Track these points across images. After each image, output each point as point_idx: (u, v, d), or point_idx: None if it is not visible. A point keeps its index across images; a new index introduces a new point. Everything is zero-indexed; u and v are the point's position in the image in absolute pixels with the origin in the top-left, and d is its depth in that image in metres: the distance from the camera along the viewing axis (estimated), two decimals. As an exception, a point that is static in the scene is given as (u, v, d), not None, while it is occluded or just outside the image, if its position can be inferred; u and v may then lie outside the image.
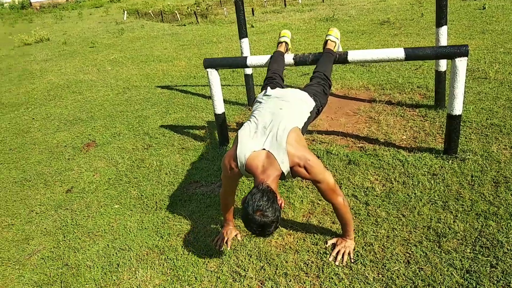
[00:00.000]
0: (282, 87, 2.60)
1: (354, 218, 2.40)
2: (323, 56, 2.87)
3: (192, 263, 2.19)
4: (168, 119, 4.44)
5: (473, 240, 2.10)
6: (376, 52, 2.80)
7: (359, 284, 1.92)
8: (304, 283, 1.98)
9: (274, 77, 2.76)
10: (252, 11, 13.56)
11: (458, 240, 2.11)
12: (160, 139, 3.91)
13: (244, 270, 2.10)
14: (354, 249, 2.15)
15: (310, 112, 2.34)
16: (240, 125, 3.98)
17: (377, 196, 2.58)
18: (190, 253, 2.27)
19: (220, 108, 3.43)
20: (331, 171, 2.93)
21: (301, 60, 3.01)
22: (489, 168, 2.69)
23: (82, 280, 2.16)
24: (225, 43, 8.55)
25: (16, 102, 5.93)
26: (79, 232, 2.59)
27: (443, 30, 3.36)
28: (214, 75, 3.29)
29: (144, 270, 2.18)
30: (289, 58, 3.04)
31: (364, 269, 2.01)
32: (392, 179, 2.74)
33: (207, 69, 3.28)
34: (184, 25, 12.73)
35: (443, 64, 3.62)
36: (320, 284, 1.95)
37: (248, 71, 4.32)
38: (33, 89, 6.62)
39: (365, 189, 2.67)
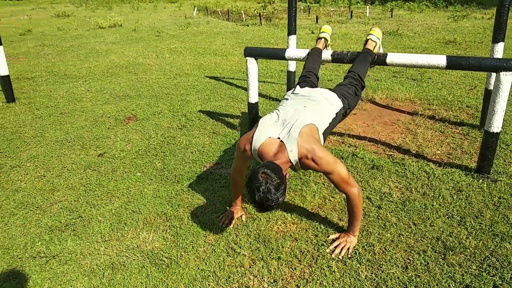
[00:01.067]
0: (313, 87, 2.59)
1: (363, 218, 2.33)
2: (360, 56, 2.83)
3: (193, 233, 2.26)
4: (208, 105, 4.58)
5: (482, 258, 1.96)
6: (417, 57, 2.72)
7: (349, 280, 1.87)
8: (295, 269, 1.96)
9: (308, 75, 2.77)
10: (316, 18, 13.54)
11: (466, 255, 1.99)
12: (195, 121, 4.04)
13: (240, 247, 2.12)
14: (354, 247, 2.10)
15: (336, 113, 2.32)
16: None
17: (392, 202, 2.49)
18: (193, 224, 2.33)
19: (254, 97, 3.48)
20: (352, 172, 2.88)
21: (339, 57, 2.99)
22: (521, 193, 2.50)
23: (90, 232, 2.30)
24: (282, 45, 8.63)
25: (77, 75, 6.39)
26: (99, 191, 2.75)
27: (499, 46, 3.17)
28: (252, 64, 3.35)
29: (147, 233, 2.27)
30: (327, 54, 3.03)
31: (358, 267, 1.95)
32: (413, 189, 2.63)
33: (247, 58, 3.35)
34: (247, 25, 13.00)
35: (493, 83, 3.41)
36: (311, 273, 1.93)
37: (292, 67, 4.34)
38: (95, 65, 7.10)
39: (382, 194, 2.59)
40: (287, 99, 2.39)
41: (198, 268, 1.98)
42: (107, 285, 1.89)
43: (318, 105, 2.25)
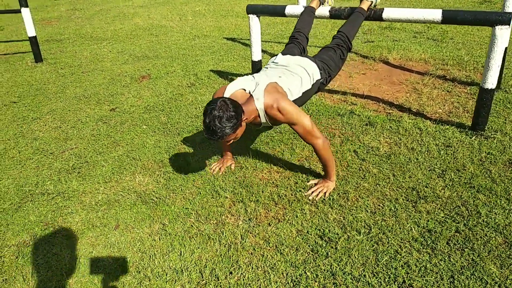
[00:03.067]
0: (299, 49, 2.63)
1: (345, 169, 2.43)
2: (351, 16, 2.82)
3: (183, 178, 2.45)
4: (219, 65, 4.69)
5: (452, 207, 2.03)
6: (413, 11, 2.68)
7: (318, 220, 2.01)
8: (270, 210, 2.12)
9: (297, 36, 2.82)
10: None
11: (437, 204, 2.06)
12: (204, 80, 4.18)
13: (224, 191, 2.30)
14: (331, 192, 2.22)
15: (312, 85, 2.40)
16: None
17: (377, 155, 2.56)
18: (185, 170, 2.52)
19: (257, 55, 3.56)
20: (345, 128, 2.95)
21: (336, 13, 2.99)
22: (511, 150, 2.50)
23: (93, 174, 2.54)
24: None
25: (103, 37, 6.64)
26: (106, 140, 2.99)
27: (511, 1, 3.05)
28: (254, 21, 3.41)
29: (143, 176, 2.49)
30: (325, 10, 3.03)
31: (329, 210, 2.08)
32: (402, 144, 2.68)
33: (249, 15, 3.41)
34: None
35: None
36: (284, 214, 2.08)
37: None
38: (120, 28, 7.32)
39: (369, 148, 2.66)
40: (266, 68, 2.48)
41: (183, 207, 2.18)
42: (101, 217, 2.13)
43: (293, 77, 2.31)
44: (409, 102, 3.38)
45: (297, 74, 2.34)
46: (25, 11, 4.84)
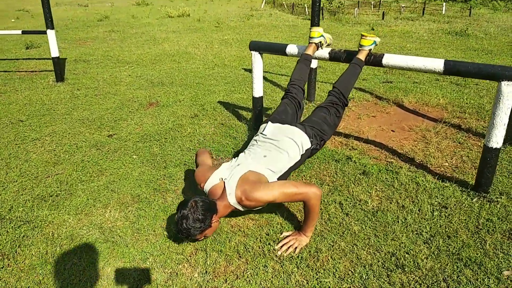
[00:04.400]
0: (284, 120, 2.56)
1: (324, 223, 2.26)
2: (347, 69, 2.70)
3: (153, 217, 2.34)
4: (229, 97, 4.65)
5: (431, 282, 1.81)
6: (413, 59, 2.52)
7: (278, 282, 1.84)
8: (231, 263, 1.97)
9: (291, 90, 2.79)
10: (383, 14, 12.93)
11: (415, 276, 1.84)
12: (209, 112, 4.14)
13: (190, 236, 2.17)
14: (302, 247, 2.05)
15: (301, 155, 2.37)
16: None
17: (363, 210, 2.37)
18: (159, 209, 2.42)
19: (258, 91, 3.48)
20: (338, 176, 2.77)
21: (336, 56, 2.88)
22: (513, 217, 2.24)
23: (66, 204, 2.49)
24: (337, 41, 8.38)
25: (128, 60, 6.83)
26: (93, 168, 2.96)
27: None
28: (257, 58, 3.35)
29: (115, 211, 2.41)
30: (324, 52, 2.93)
31: (294, 270, 1.91)
32: (393, 200, 2.47)
33: (252, 51, 3.36)
34: (309, 19, 12.81)
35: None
36: (244, 270, 1.92)
37: (313, 64, 4.24)
38: (147, 52, 7.52)
39: (357, 201, 2.47)
40: (255, 141, 2.46)
41: (142, 250, 2.07)
42: (58, 253, 2.05)
43: (280, 154, 2.29)
44: (414, 152, 3.16)
45: (284, 150, 2.31)
46: (50, 33, 5.05)
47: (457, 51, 7.17)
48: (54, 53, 5.21)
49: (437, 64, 2.42)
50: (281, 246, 2.07)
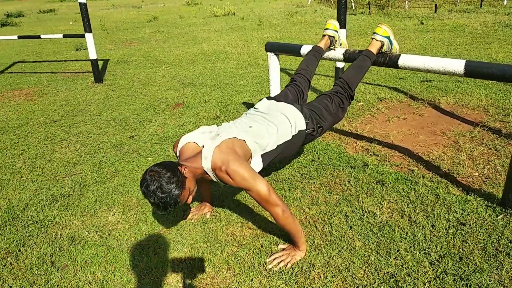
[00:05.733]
0: (281, 99, 2.37)
1: (323, 236, 2.13)
2: (356, 61, 2.53)
3: (153, 222, 2.34)
4: (255, 97, 4.58)
5: (426, 310, 1.63)
6: (432, 60, 2.31)
7: (261, 299, 1.75)
8: (218, 275, 1.91)
9: (296, 78, 2.63)
10: (435, 7, 12.17)
11: (410, 302, 1.67)
12: (231, 113, 4.10)
13: (183, 243, 2.14)
14: (295, 262, 1.95)
15: (293, 136, 2.14)
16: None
17: (370, 224, 2.21)
18: (159, 214, 2.42)
19: (275, 93, 3.38)
20: (349, 185, 2.61)
21: (351, 57, 2.71)
22: (541, 240, 1.97)
23: (76, 205, 2.57)
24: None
25: (165, 61, 6.98)
26: (109, 169, 3.03)
27: None
28: (273, 59, 3.25)
29: (118, 214, 2.44)
30: (338, 52, 2.77)
31: (281, 286, 1.81)
32: (406, 213, 2.28)
33: (268, 53, 3.27)
34: (355, 14, 12.38)
35: None
36: (230, 283, 1.86)
37: (339, 64, 4.05)
38: (185, 53, 7.65)
39: (366, 213, 2.30)
40: (245, 114, 2.30)
41: (133, 256, 2.07)
42: (57, 254, 2.11)
43: (268, 126, 2.08)
44: (442, 159, 2.91)
45: (273, 123, 2.11)
46: (88, 36, 5.27)
47: (507, 51, 6.55)
48: (92, 55, 5.44)
49: (457, 65, 2.18)
50: (273, 259, 1.97)
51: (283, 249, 2.04)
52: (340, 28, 3.79)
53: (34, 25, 15.10)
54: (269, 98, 2.39)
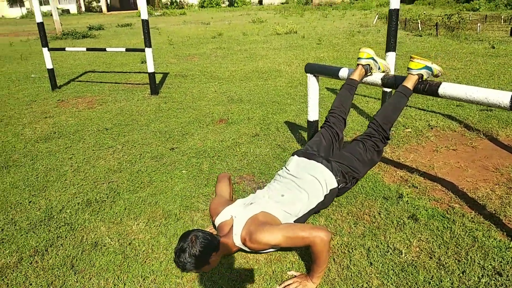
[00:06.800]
0: (314, 154, 2.39)
1: (340, 270, 2.02)
2: (391, 98, 2.42)
3: (173, 235, 2.37)
4: (299, 118, 4.53)
5: None
6: (475, 90, 2.12)
7: (260, 329, 1.69)
8: (223, 298, 1.88)
9: (330, 119, 2.64)
10: (511, 31, 11.29)
11: None
12: (271, 131, 4.08)
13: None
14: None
15: (325, 196, 2.23)
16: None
17: (393, 262, 2.05)
18: (182, 227, 2.45)
19: (313, 115, 3.32)
20: (379, 217, 2.46)
21: (389, 82, 2.58)
22: None
23: (106, 211, 2.68)
24: (445, 61, 7.59)
25: (220, 77, 7.18)
26: (144, 179, 3.15)
27: None
28: (312, 81, 3.21)
29: (142, 224, 2.50)
30: (377, 77, 2.66)
31: (282, 319, 1.73)
32: (436, 255, 2.09)
33: (307, 74, 3.22)
34: (420, 35, 11.87)
35: None
36: (233, 308, 1.81)
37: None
38: (240, 69, 7.81)
39: (391, 250, 2.15)
40: (278, 176, 2.37)
41: (147, 268, 2.10)
42: (78, 258, 2.21)
43: (300, 194, 2.17)
44: (489, 198, 2.65)
45: (304, 190, 2.19)
46: (148, 51, 5.58)
47: None
48: (150, 69, 5.74)
49: (503, 97, 1.99)
50: (283, 287, 1.91)
51: (295, 276, 1.96)
52: (389, 51, 3.67)
53: (111, 38, 16.35)
54: (299, 154, 2.39)
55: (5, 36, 19.16)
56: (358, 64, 2.71)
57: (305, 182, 2.20)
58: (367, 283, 1.92)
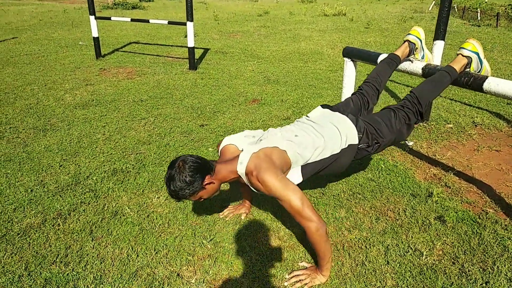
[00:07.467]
0: (340, 109, 2.24)
1: (354, 266, 1.94)
2: (434, 75, 2.22)
3: (190, 212, 2.39)
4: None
5: None
6: (525, 87, 1.93)
7: (263, 316, 1.66)
8: (230, 280, 1.86)
9: (364, 87, 2.44)
10: None
11: None
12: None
13: (210, 236, 2.14)
14: (314, 286, 1.81)
15: (342, 149, 2.00)
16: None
17: (411, 263, 1.95)
18: (199, 206, 2.46)
19: (347, 102, 3.18)
20: (406, 214, 2.34)
21: (431, 72, 2.41)
22: None
23: (130, 181, 2.73)
24: (499, 54, 7.07)
25: (260, 56, 7.07)
26: (170, 152, 3.17)
27: None
28: (349, 66, 3.07)
29: (163, 197, 2.54)
30: (417, 66, 2.49)
31: (286, 309, 1.70)
32: (459, 261, 1.97)
33: (344, 58, 3.08)
34: (478, 25, 11.09)
35: None
36: (239, 291, 1.80)
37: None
38: (281, 50, 7.66)
39: (410, 249, 2.05)
40: (297, 121, 2.21)
41: (161, 242, 2.13)
42: (98, 224, 2.27)
43: (315, 137, 1.97)
44: (529, 206, 2.45)
45: (321, 135, 1.99)
46: (189, 25, 5.57)
47: None
48: (190, 43, 5.74)
49: (556, 98, 1.79)
50: (291, 278, 1.86)
51: (305, 268, 1.91)
52: (438, 39, 3.43)
53: (159, 10, 16.56)
54: (324, 106, 2.26)
55: (61, 3, 19.92)
56: (405, 40, 2.54)
57: (325, 128, 2.02)
58: (380, 282, 1.84)
